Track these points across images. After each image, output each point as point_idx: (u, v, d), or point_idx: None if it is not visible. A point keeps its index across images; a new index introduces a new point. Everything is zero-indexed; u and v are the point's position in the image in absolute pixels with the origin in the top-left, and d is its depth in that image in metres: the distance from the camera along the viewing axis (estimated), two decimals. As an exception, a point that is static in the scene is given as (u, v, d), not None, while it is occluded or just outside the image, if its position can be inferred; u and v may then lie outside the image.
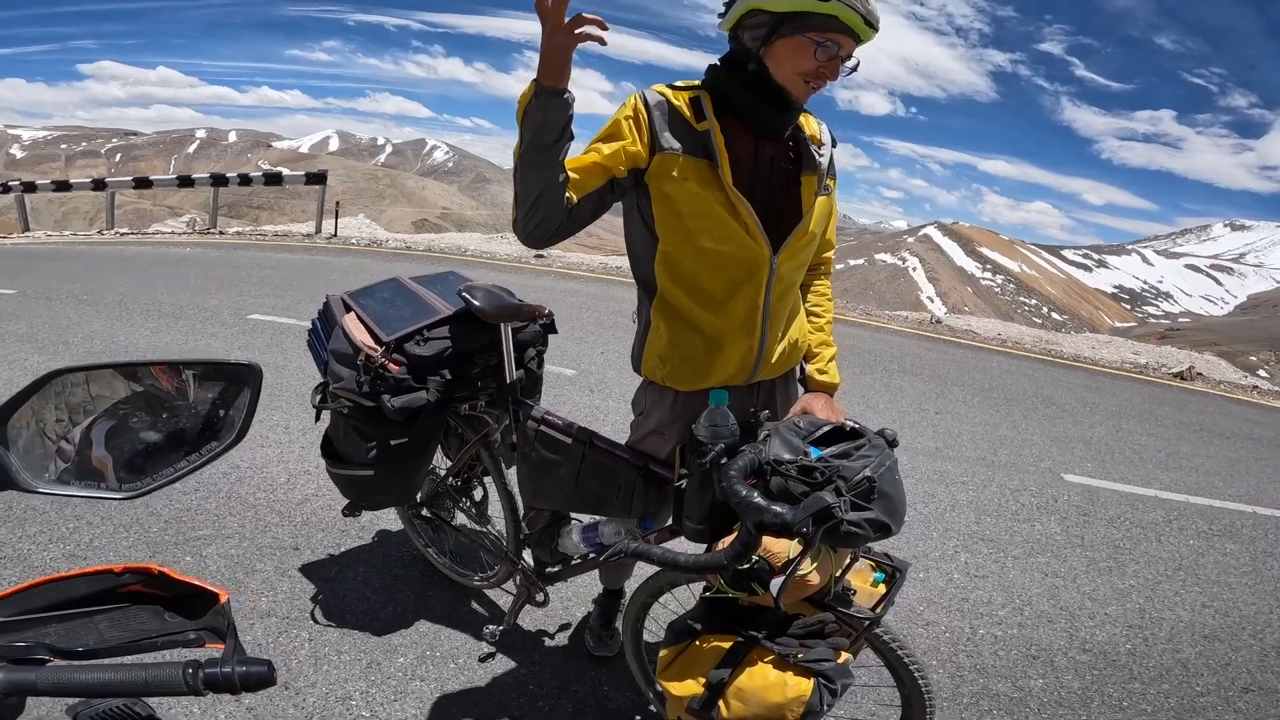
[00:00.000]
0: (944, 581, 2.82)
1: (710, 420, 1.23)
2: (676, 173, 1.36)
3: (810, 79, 1.31)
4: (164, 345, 4.68)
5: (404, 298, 1.99)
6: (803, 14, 1.26)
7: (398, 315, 1.90)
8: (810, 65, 1.29)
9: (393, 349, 1.81)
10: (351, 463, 1.92)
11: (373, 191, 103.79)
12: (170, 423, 0.81)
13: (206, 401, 0.82)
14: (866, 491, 1.06)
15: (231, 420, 0.82)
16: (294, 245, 9.66)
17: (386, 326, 1.85)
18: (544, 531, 1.90)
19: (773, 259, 1.42)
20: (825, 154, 1.48)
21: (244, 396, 0.82)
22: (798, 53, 1.29)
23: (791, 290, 1.52)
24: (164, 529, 2.61)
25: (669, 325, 1.49)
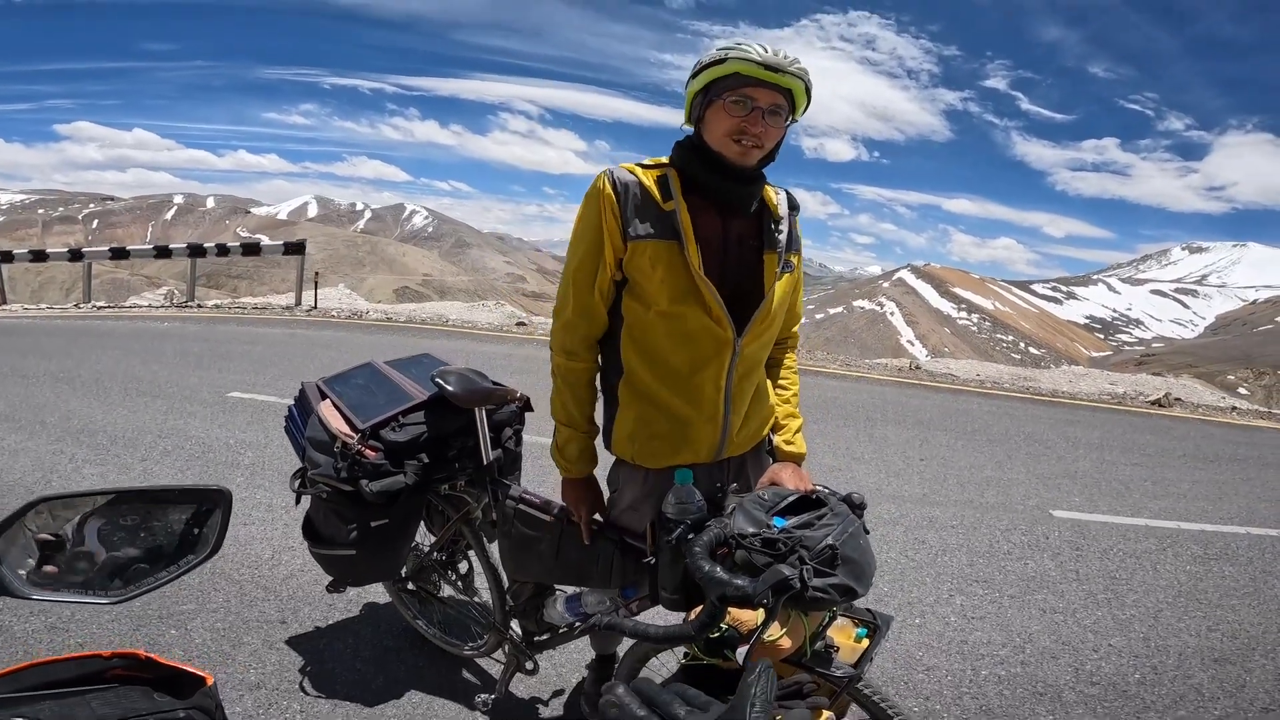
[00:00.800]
0: (941, 625, 2.79)
1: (677, 498, 1.27)
2: (648, 259, 1.40)
3: (736, 136, 1.36)
4: (142, 425, 4.61)
5: (378, 383, 2.03)
6: (715, 81, 1.36)
7: (372, 402, 1.93)
8: (729, 122, 1.35)
9: (369, 435, 1.84)
10: (333, 543, 1.91)
11: (353, 259, 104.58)
12: (148, 540, 0.89)
13: (180, 522, 0.90)
14: (830, 559, 1.10)
15: (205, 537, 0.90)
16: (273, 319, 9.67)
17: (362, 413, 1.88)
18: (529, 602, 1.90)
19: (736, 341, 1.44)
20: (784, 229, 1.51)
21: (216, 516, 0.90)
22: (717, 115, 1.36)
23: (755, 370, 1.56)
24: (147, 603, 2.56)
25: (636, 405, 1.53)
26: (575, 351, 1.53)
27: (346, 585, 2.19)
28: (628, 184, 1.42)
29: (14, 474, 3.74)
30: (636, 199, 1.41)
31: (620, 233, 1.41)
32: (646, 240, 1.40)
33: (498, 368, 7.00)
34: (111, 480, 3.70)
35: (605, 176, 1.43)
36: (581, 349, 1.54)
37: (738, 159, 1.39)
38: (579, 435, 1.57)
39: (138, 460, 3.98)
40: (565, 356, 1.54)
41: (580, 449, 1.58)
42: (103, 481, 3.67)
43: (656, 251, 1.39)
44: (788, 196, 1.57)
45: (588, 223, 1.44)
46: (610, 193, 1.41)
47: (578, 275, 1.47)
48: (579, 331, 1.51)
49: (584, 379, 1.56)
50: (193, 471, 3.86)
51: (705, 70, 1.37)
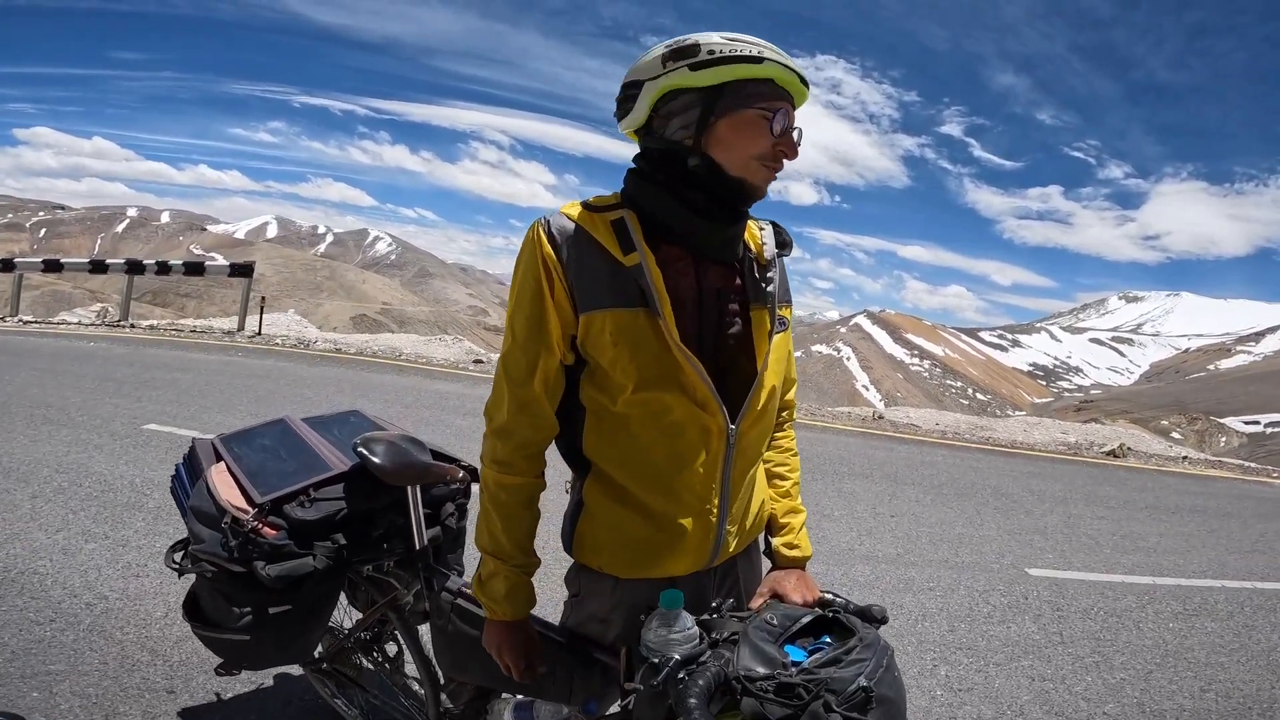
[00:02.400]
0: (927, 700, 2.58)
1: (663, 624, 0.98)
2: (607, 335, 1.05)
3: (769, 161, 1.05)
4: (40, 457, 4.11)
5: (290, 446, 1.69)
6: (739, 83, 1.02)
7: (279, 469, 1.59)
8: (766, 145, 1.03)
9: (269, 511, 1.49)
10: (221, 627, 1.55)
11: (310, 283, 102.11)
12: None
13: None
14: (862, 703, 0.85)
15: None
16: (211, 344, 9.08)
17: (263, 483, 1.54)
18: (469, 704, 1.56)
19: (730, 428, 1.10)
20: (773, 276, 1.17)
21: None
22: (749, 131, 1.03)
23: (756, 458, 1.21)
24: (9, 661, 2.22)
25: (605, 507, 1.17)
26: (509, 463, 1.13)
27: (240, 669, 1.82)
28: (570, 235, 1.06)
29: None
30: (584, 255, 1.05)
31: (568, 300, 1.06)
32: (604, 311, 1.05)
33: (450, 409, 6.64)
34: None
35: (541, 228, 1.07)
36: (518, 460, 1.13)
37: (763, 186, 1.08)
38: (509, 570, 1.16)
39: (27, 497, 3.51)
40: (496, 469, 1.14)
41: (510, 587, 1.17)
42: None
43: (618, 324, 1.04)
44: (774, 230, 1.20)
45: (523, 293, 1.08)
46: (549, 250, 1.05)
47: (514, 364, 1.10)
48: (515, 438, 1.12)
49: (518, 498, 1.16)
50: (87, 512, 3.40)
51: (729, 64, 1.01)
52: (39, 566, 2.85)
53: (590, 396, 1.12)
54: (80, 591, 2.70)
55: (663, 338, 1.05)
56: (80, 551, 3.01)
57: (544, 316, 1.07)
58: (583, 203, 1.10)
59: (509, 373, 1.10)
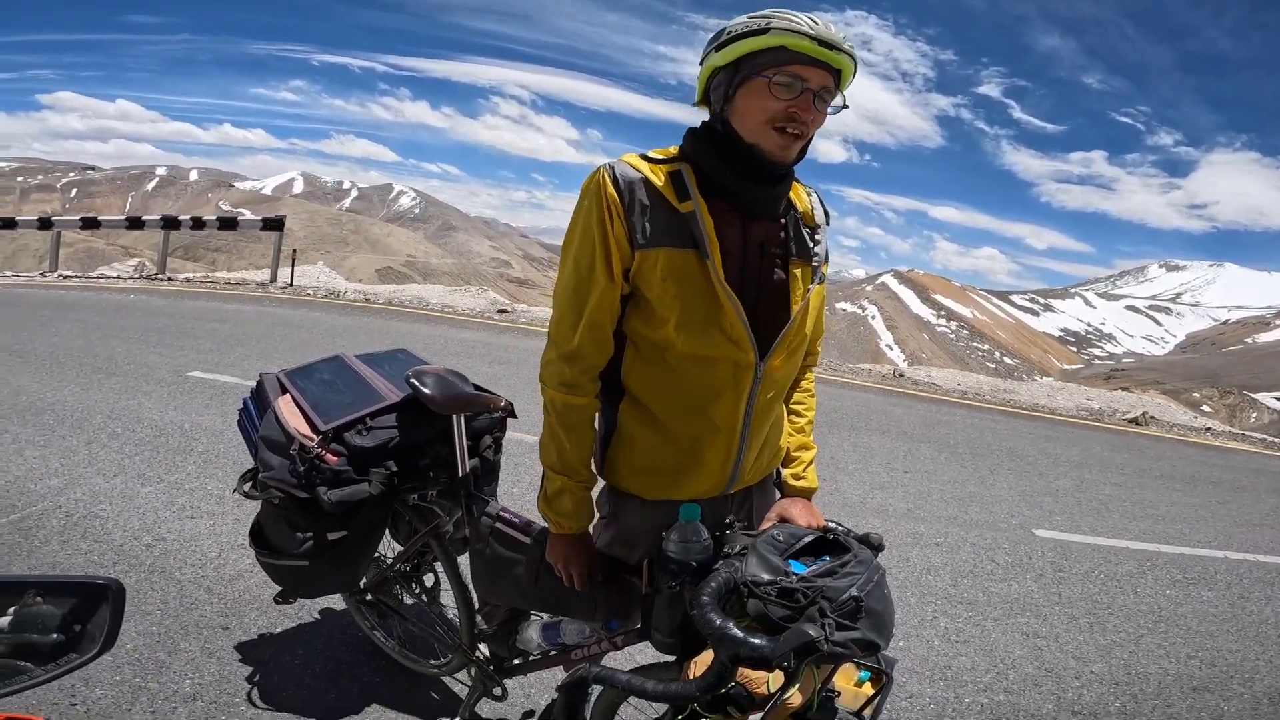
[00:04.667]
0: (925, 649, 2.72)
1: (681, 536, 1.13)
2: (659, 271, 1.18)
3: (780, 124, 1.13)
4: (93, 404, 4.37)
5: (346, 380, 1.84)
6: (751, 56, 1.12)
7: (338, 400, 1.75)
8: (774, 107, 1.12)
9: (331, 438, 1.65)
10: (284, 553, 1.73)
11: (336, 237, 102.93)
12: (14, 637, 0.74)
13: (56, 618, 0.76)
14: (853, 611, 0.97)
15: (90, 634, 0.76)
16: (246, 295, 9.35)
17: (325, 413, 1.70)
18: (501, 626, 1.74)
19: (759, 364, 1.24)
20: (821, 238, 1.30)
21: (103, 612, 0.76)
22: (757, 97, 1.13)
23: (779, 395, 1.36)
24: None
25: (637, 432, 1.32)
26: (577, 384, 1.27)
27: (297, 597, 2.02)
28: (633, 182, 1.19)
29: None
30: (644, 199, 1.18)
31: (627, 239, 1.18)
32: (658, 249, 1.18)
33: (477, 356, 6.83)
34: (54, 466, 3.46)
35: (605, 173, 1.19)
36: (585, 381, 1.28)
37: (778, 152, 1.16)
38: (575, 486, 1.31)
39: (84, 443, 3.75)
40: (565, 391, 1.27)
41: (576, 502, 1.32)
42: (44, 467, 3.44)
43: (670, 262, 1.18)
44: (820, 202, 1.35)
45: (588, 229, 1.20)
46: (613, 192, 1.18)
47: (579, 293, 1.23)
48: (583, 361, 1.26)
49: (585, 417, 1.30)
50: (141, 456, 3.64)
51: (739, 41, 1.12)
52: (99, 510, 3.04)
53: (633, 328, 1.27)
54: (139, 534, 2.88)
55: (709, 278, 1.18)
56: (137, 495, 3.22)
57: (608, 250, 1.19)
58: (642, 154, 1.24)
59: (576, 302, 1.24)
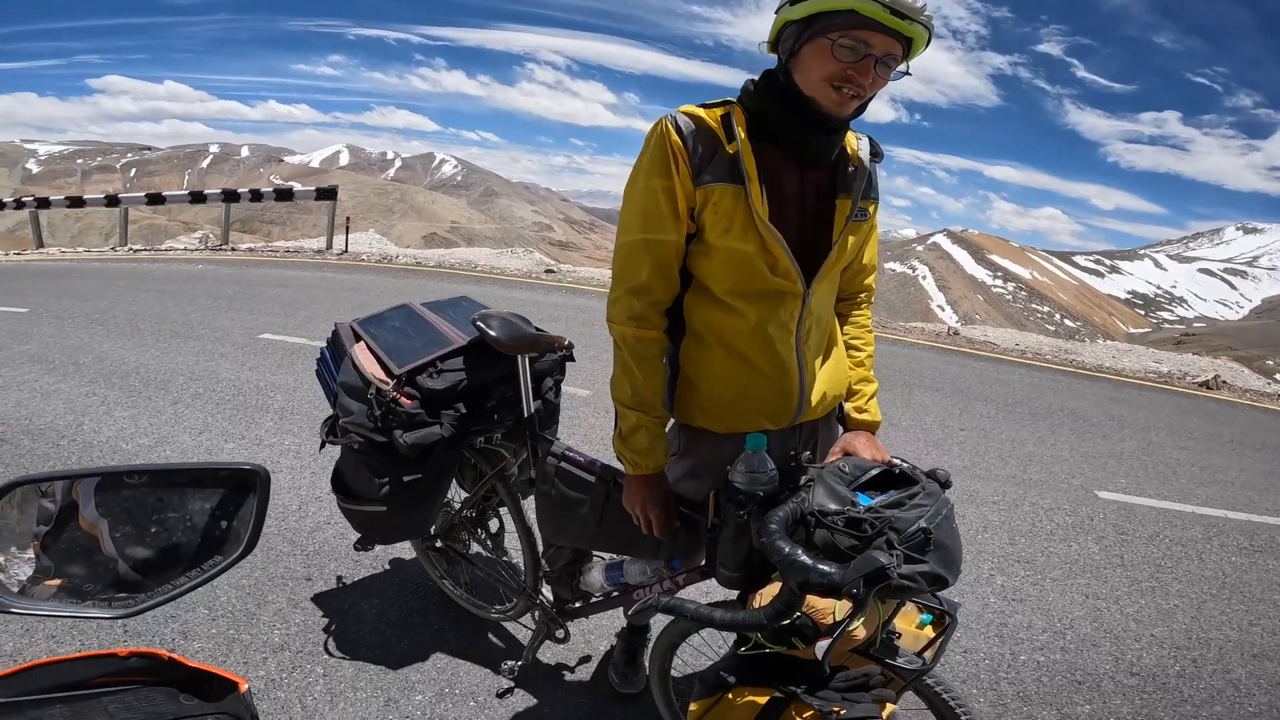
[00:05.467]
0: (980, 606, 2.72)
1: (748, 466, 1.15)
2: (713, 207, 1.26)
3: (839, 83, 1.18)
4: (174, 367, 4.63)
5: (416, 326, 1.91)
6: (822, 14, 1.15)
7: (409, 345, 1.82)
8: (834, 67, 1.17)
9: (405, 382, 1.73)
10: (363, 499, 1.84)
11: (382, 206, 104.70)
12: (161, 537, 0.70)
13: (205, 513, 0.72)
14: (921, 543, 0.98)
15: (236, 531, 0.71)
16: (305, 262, 9.66)
17: (398, 357, 1.77)
18: (565, 569, 1.81)
19: (805, 292, 1.32)
20: (863, 177, 1.36)
21: (249, 505, 0.72)
22: (819, 56, 1.17)
23: (823, 322, 1.41)
24: None
25: (701, 367, 1.38)
26: (646, 318, 1.34)
27: (375, 543, 2.14)
28: (692, 126, 1.27)
29: (46, 416, 3.76)
30: (702, 141, 1.26)
31: (691, 179, 1.26)
32: (714, 185, 1.25)
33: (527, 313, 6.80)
34: (143, 426, 3.71)
35: (668, 121, 1.27)
36: (654, 315, 1.35)
37: (834, 109, 1.21)
38: (650, 421, 1.36)
39: (169, 403, 4.00)
40: (635, 325, 1.34)
41: (652, 438, 1.36)
42: (134, 427, 3.69)
43: (722, 197, 1.25)
44: (870, 143, 1.39)
45: (652, 172, 1.27)
46: (676, 138, 1.25)
47: (648, 232, 1.30)
48: (651, 296, 1.33)
49: (655, 350, 1.36)
50: (223, 414, 3.87)
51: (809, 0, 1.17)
52: (190, 467, 3.28)
53: (696, 263, 1.33)
54: (229, 486, 3.10)
55: (752, 212, 1.25)
56: (222, 451, 3.43)
57: (673, 191, 1.27)
58: (699, 104, 1.31)
59: (647, 241, 1.30)
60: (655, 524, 1.41)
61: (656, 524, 1.41)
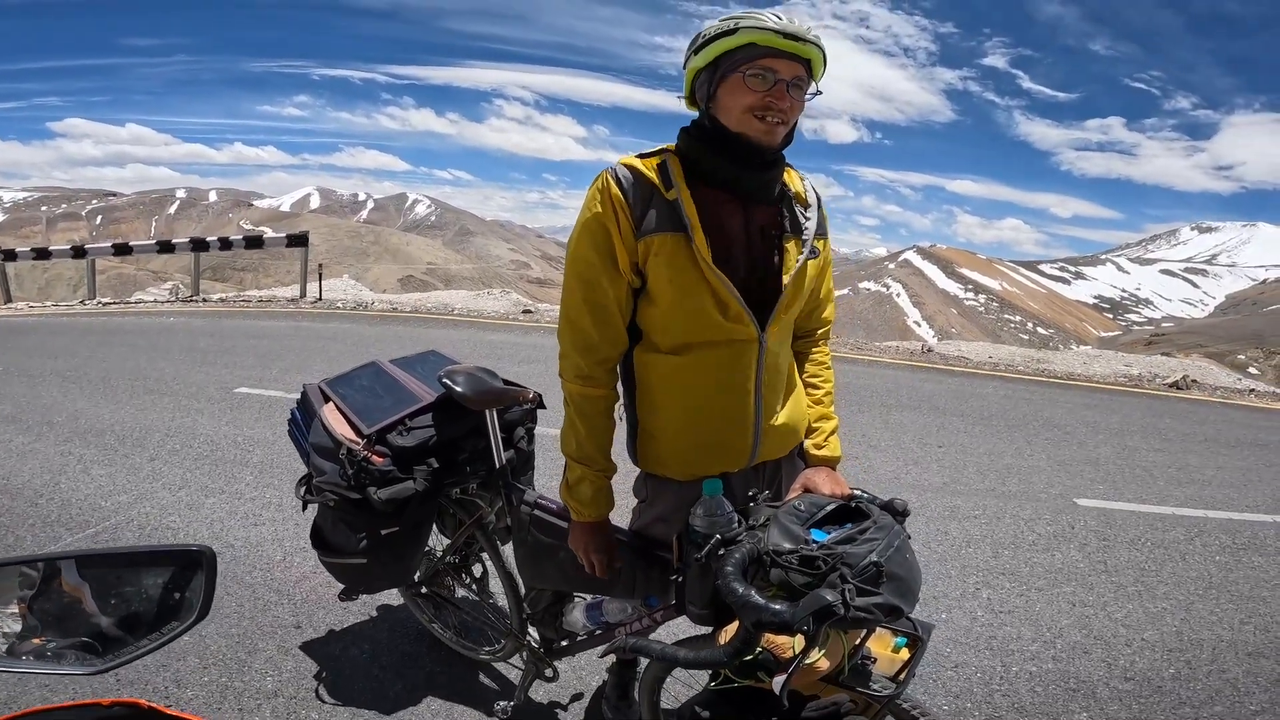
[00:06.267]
0: (968, 620, 2.73)
1: (706, 510, 1.18)
2: (655, 255, 1.28)
3: (760, 112, 1.24)
4: (150, 424, 4.57)
5: (383, 384, 1.94)
6: (725, 55, 1.23)
7: (378, 404, 1.85)
8: (751, 98, 1.23)
9: (375, 440, 1.75)
10: (343, 553, 1.85)
11: (357, 250, 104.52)
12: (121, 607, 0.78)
13: (158, 586, 0.80)
14: (874, 577, 1.01)
15: (189, 601, 0.79)
16: (279, 311, 9.60)
17: (367, 417, 1.80)
18: (547, 610, 1.84)
19: (761, 336, 1.34)
20: (812, 215, 1.40)
21: (199, 579, 0.79)
22: (735, 92, 1.24)
23: (781, 363, 1.44)
24: None
25: (658, 420, 1.42)
26: (593, 376, 1.37)
27: (359, 594, 2.14)
28: (631, 178, 1.30)
29: (22, 476, 3.70)
30: (642, 192, 1.29)
31: (633, 231, 1.29)
32: (655, 235, 1.28)
33: (505, 357, 6.94)
34: (121, 483, 3.65)
35: (608, 174, 1.32)
36: (600, 373, 1.38)
37: (763, 138, 1.27)
38: (594, 475, 1.42)
39: (146, 460, 3.94)
40: (582, 383, 1.38)
41: (595, 490, 1.42)
42: (112, 484, 3.64)
43: (663, 245, 1.27)
44: (810, 185, 1.45)
45: (594, 228, 1.30)
46: (617, 190, 1.29)
47: (590, 289, 1.33)
48: (598, 354, 1.36)
49: (602, 408, 1.40)
50: (201, 470, 3.81)
51: (712, 43, 1.24)
52: (170, 522, 3.21)
53: (644, 314, 1.36)
54: (209, 542, 3.01)
55: (696, 259, 1.27)
56: (203, 506, 3.39)
57: (614, 247, 1.29)
58: (636, 155, 1.34)
59: (588, 298, 1.33)
60: (597, 567, 1.46)
61: (599, 566, 1.46)
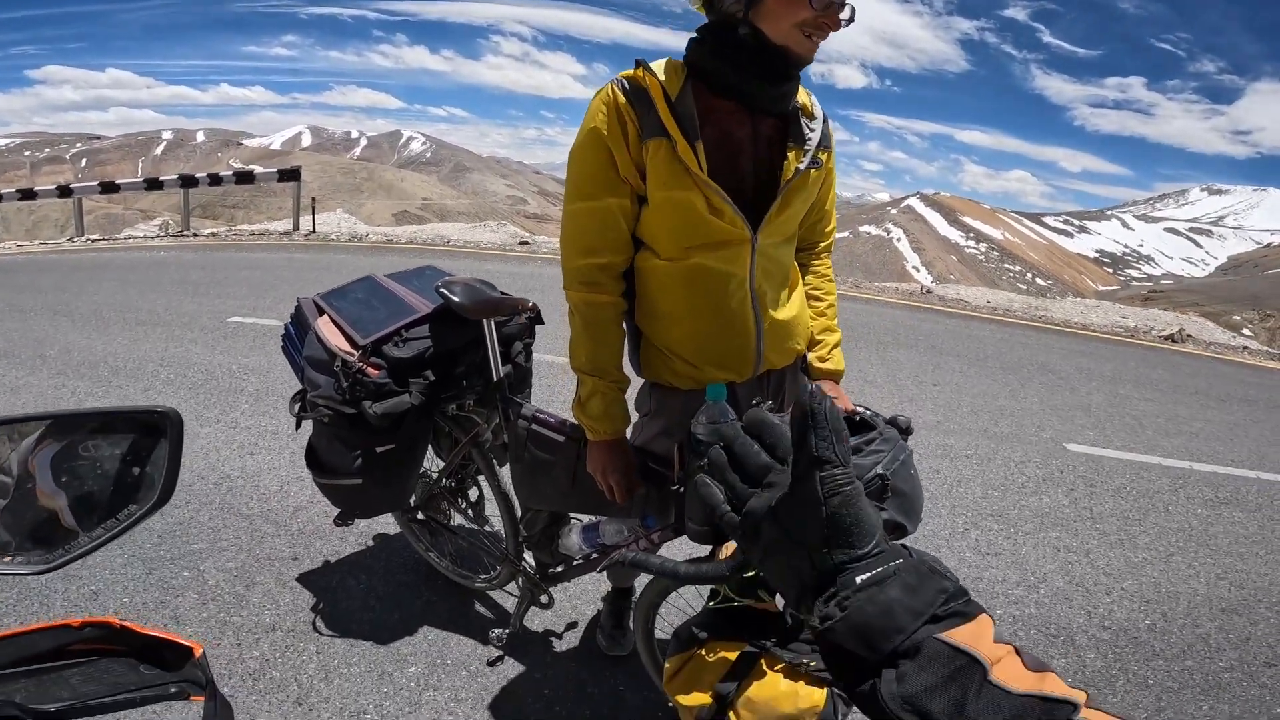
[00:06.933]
0: (956, 561, 2.78)
1: (708, 416, 1.16)
2: (653, 159, 1.26)
3: (810, 30, 1.20)
4: (144, 355, 4.53)
5: (379, 297, 1.90)
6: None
7: (373, 316, 1.81)
8: (807, 14, 1.18)
9: (370, 352, 1.72)
10: (338, 473, 1.83)
11: (350, 186, 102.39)
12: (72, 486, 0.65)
13: (115, 459, 0.67)
14: (879, 490, 0.98)
15: (150, 478, 0.67)
16: (271, 244, 9.44)
17: (362, 328, 1.77)
18: (543, 532, 1.83)
19: (753, 237, 1.32)
20: (816, 127, 1.38)
21: (160, 449, 0.67)
22: (791, 5, 1.18)
23: (779, 269, 1.42)
24: (158, 544, 2.53)
25: (659, 327, 1.40)
26: (599, 283, 1.35)
27: (354, 518, 2.13)
28: (637, 86, 1.27)
29: (16, 411, 3.65)
30: (647, 99, 1.26)
31: (637, 137, 1.26)
32: (658, 139, 1.25)
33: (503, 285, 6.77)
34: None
35: (613, 84, 1.29)
36: (606, 279, 1.35)
37: (805, 54, 1.24)
38: (607, 386, 1.38)
39: (140, 391, 3.93)
40: (587, 289, 1.35)
41: (607, 404, 1.38)
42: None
43: (657, 150, 1.25)
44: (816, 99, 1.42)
45: (598, 134, 1.27)
46: (622, 99, 1.26)
47: (595, 197, 1.30)
48: (600, 258, 1.33)
49: (609, 315, 1.37)
50: (196, 399, 3.80)
51: None
52: (166, 454, 3.23)
53: (644, 224, 1.33)
54: (206, 473, 3.03)
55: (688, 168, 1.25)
56: (199, 436, 3.37)
57: (616, 155, 1.26)
58: (639, 62, 1.29)
59: (592, 205, 1.30)
60: (616, 490, 1.43)
61: (618, 490, 1.43)
